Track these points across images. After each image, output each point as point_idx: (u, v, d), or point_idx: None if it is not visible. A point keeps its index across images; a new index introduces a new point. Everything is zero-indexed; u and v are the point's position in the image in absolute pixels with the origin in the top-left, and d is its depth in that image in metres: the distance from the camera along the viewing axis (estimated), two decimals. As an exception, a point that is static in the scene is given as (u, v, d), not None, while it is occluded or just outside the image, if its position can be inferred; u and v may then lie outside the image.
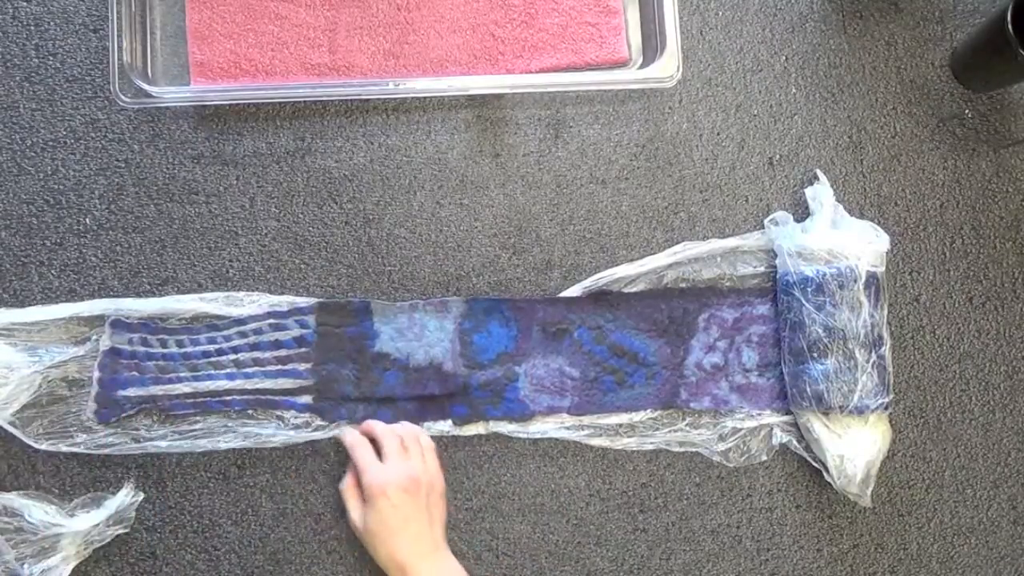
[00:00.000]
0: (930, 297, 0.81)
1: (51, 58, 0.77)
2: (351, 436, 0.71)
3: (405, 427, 0.72)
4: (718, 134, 0.81)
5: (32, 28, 0.77)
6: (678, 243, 0.79)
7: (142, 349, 0.73)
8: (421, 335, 0.75)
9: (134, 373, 0.72)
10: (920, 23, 0.83)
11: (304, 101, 0.78)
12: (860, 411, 0.71)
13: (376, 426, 0.71)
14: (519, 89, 0.78)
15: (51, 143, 0.76)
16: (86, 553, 0.71)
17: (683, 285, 0.78)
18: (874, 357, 0.72)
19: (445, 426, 0.75)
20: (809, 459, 0.77)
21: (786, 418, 0.77)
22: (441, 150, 0.79)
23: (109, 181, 0.76)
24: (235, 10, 0.78)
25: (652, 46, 0.78)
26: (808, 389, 0.73)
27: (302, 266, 0.77)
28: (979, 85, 0.82)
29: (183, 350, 0.74)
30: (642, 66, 0.79)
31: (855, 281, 0.72)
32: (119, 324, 0.73)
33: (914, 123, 0.82)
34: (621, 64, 0.80)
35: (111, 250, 0.76)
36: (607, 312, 0.77)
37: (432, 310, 0.76)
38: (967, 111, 0.83)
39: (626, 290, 0.77)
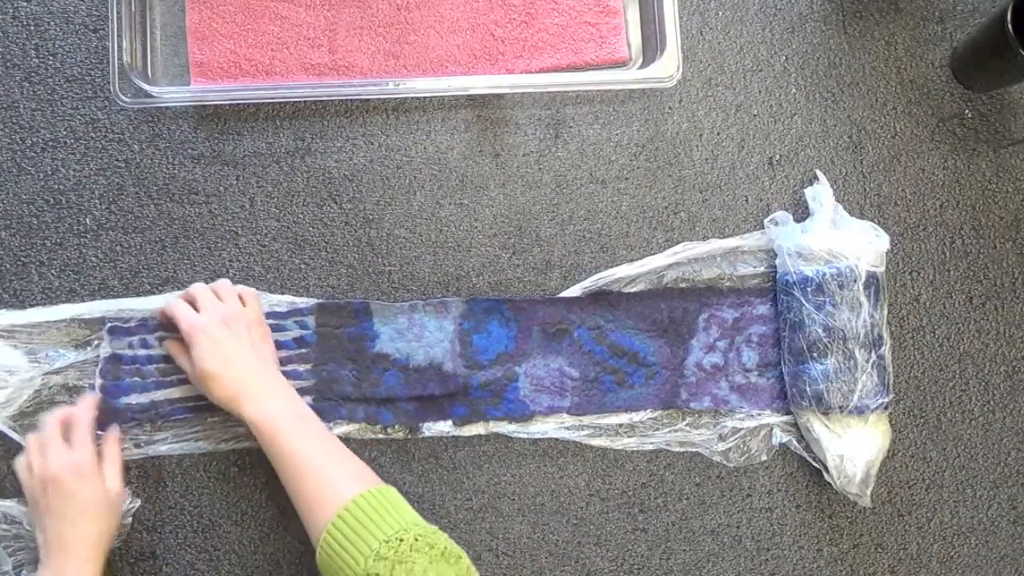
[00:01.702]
0: (930, 297, 0.81)
1: (51, 58, 0.77)
2: (166, 302, 0.71)
3: (219, 282, 0.72)
4: (718, 134, 0.81)
5: (32, 28, 0.77)
6: (678, 243, 0.79)
7: (143, 352, 0.73)
8: (421, 335, 0.75)
9: (136, 378, 0.72)
10: (920, 23, 0.83)
11: (304, 101, 0.78)
12: (860, 411, 0.71)
13: (192, 287, 0.71)
14: (519, 89, 0.78)
15: (51, 143, 0.76)
16: None
17: (683, 285, 0.78)
18: (874, 357, 0.72)
19: (445, 426, 0.75)
20: (809, 459, 0.77)
21: (786, 418, 0.77)
22: (441, 150, 0.79)
23: (109, 181, 0.76)
24: (235, 10, 0.78)
25: (652, 46, 0.78)
26: (808, 389, 0.73)
27: (302, 266, 0.77)
28: (979, 85, 0.82)
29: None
30: (642, 66, 0.79)
31: (855, 281, 0.72)
32: (117, 330, 0.73)
33: (914, 123, 0.82)
34: (621, 64, 0.80)
35: (111, 250, 0.76)
36: (607, 312, 0.77)
37: (432, 310, 0.76)
38: (967, 111, 0.83)
39: (626, 290, 0.77)
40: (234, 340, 0.68)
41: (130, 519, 0.72)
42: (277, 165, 0.78)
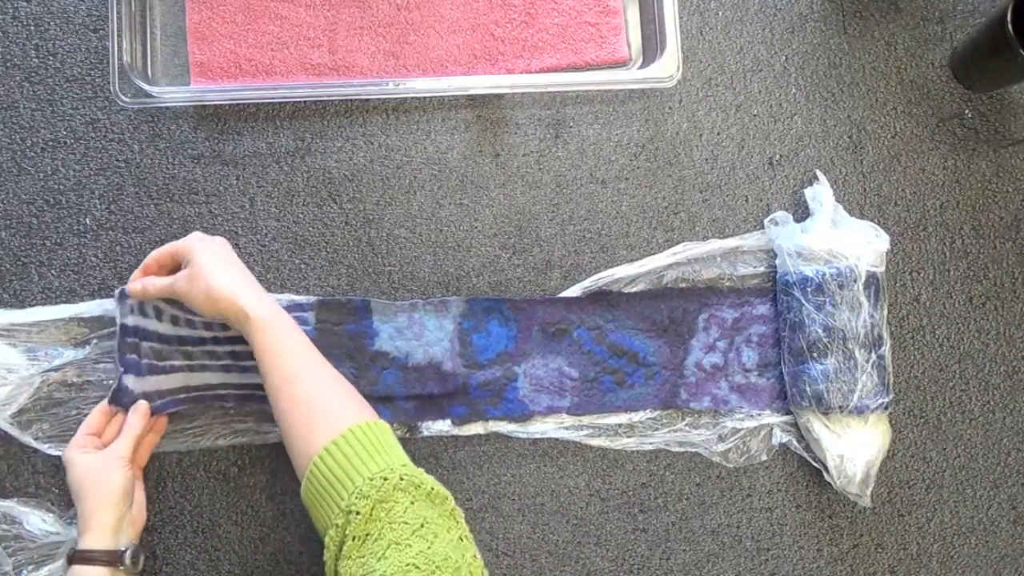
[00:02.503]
0: (930, 297, 0.81)
1: (51, 58, 0.77)
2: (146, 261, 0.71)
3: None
4: (718, 134, 0.81)
5: (32, 28, 0.77)
6: (678, 243, 0.79)
7: (141, 322, 0.70)
8: (421, 334, 0.75)
9: (133, 356, 0.70)
10: (920, 23, 0.83)
11: (304, 101, 0.78)
12: (860, 411, 0.71)
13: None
14: (519, 89, 0.78)
15: (51, 143, 0.76)
16: None
17: (683, 285, 0.78)
18: (874, 357, 0.72)
19: (444, 426, 0.75)
20: (809, 459, 0.77)
21: (786, 418, 0.77)
22: (441, 150, 0.79)
23: (109, 181, 0.76)
24: (235, 10, 0.78)
25: (652, 46, 0.78)
26: (808, 389, 0.73)
27: (302, 266, 0.77)
28: (979, 85, 0.82)
29: (179, 332, 0.72)
30: (642, 66, 0.79)
31: (855, 281, 0.72)
32: (124, 295, 0.71)
33: (914, 123, 0.82)
34: (621, 64, 0.80)
35: (111, 250, 0.76)
36: (607, 312, 0.77)
37: (432, 309, 0.76)
38: (967, 111, 0.83)
39: (626, 290, 0.77)
40: (224, 249, 0.69)
41: (145, 513, 0.71)
42: (277, 165, 0.78)
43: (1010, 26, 0.73)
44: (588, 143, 0.80)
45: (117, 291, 0.71)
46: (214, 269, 0.66)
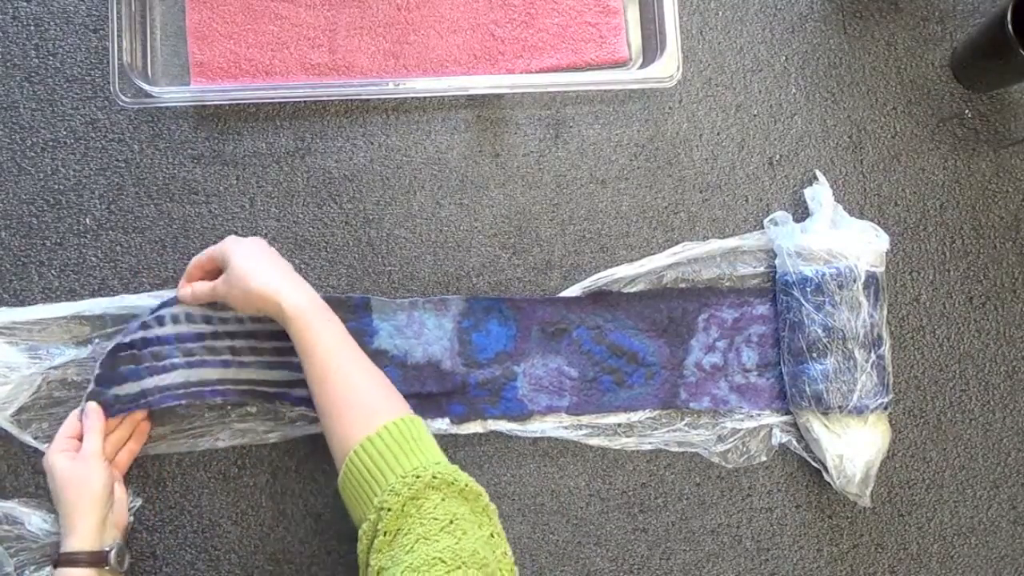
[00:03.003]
0: (930, 297, 0.81)
1: (51, 58, 0.77)
2: (164, 299, 0.72)
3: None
4: (718, 134, 0.81)
5: (32, 28, 0.77)
6: (678, 243, 0.79)
7: (140, 335, 0.70)
8: (420, 333, 0.75)
9: (131, 365, 0.70)
10: (920, 23, 0.83)
11: (304, 101, 0.78)
12: (860, 411, 0.71)
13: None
14: (519, 89, 0.78)
15: (51, 143, 0.76)
16: None
17: (682, 285, 0.78)
18: (873, 357, 0.72)
19: (443, 424, 0.75)
20: (809, 459, 0.77)
21: (785, 418, 0.77)
22: (441, 150, 0.79)
23: (109, 181, 0.76)
24: (235, 10, 0.78)
25: (652, 46, 0.78)
26: (807, 389, 0.73)
27: (302, 266, 0.77)
28: (979, 85, 0.82)
29: (178, 330, 0.71)
30: (642, 66, 0.79)
31: (854, 281, 0.72)
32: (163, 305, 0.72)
33: (914, 123, 0.82)
34: (621, 64, 0.80)
35: (111, 250, 0.76)
36: (606, 312, 0.77)
37: (432, 308, 0.76)
38: (967, 111, 0.83)
39: (626, 290, 0.77)
40: (266, 248, 0.70)
41: (131, 519, 0.72)
42: (277, 165, 0.78)
43: (1010, 26, 0.73)
44: (588, 143, 0.80)
45: (153, 311, 0.71)
46: (249, 268, 0.67)
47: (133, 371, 0.70)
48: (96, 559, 0.64)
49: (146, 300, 0.74)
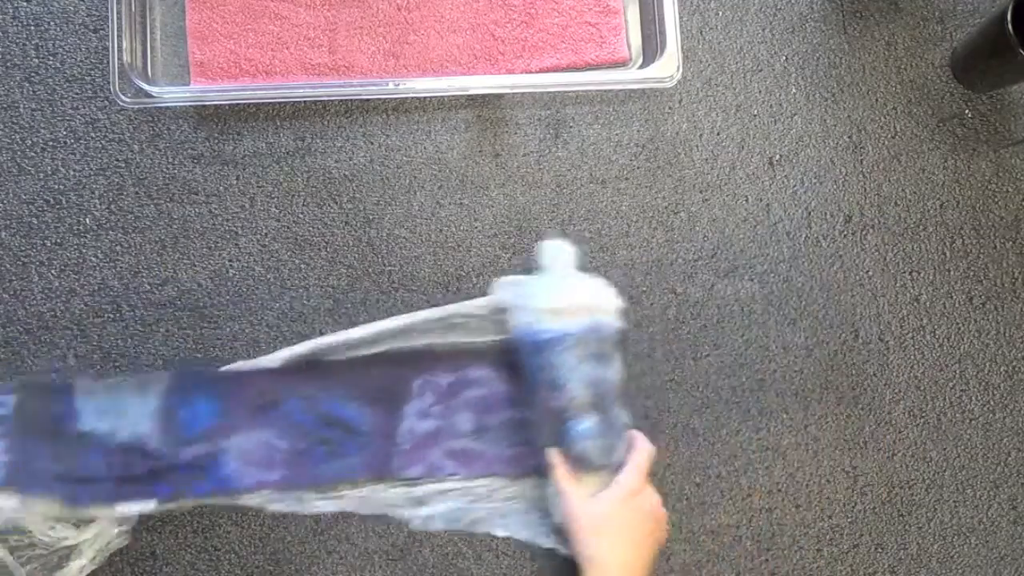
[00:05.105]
0: (930, 297, 0.81)
1: (51, 58, 0.77)
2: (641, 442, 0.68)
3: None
4: (718, 134, 0.81)
5: (32, 28, 0.77)
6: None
7: None
8: (124, 412, 0.71)
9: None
10: (920, 23, 0.83)
11: (304, 101, 0.78)
12: (617, 468, 0.66)
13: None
14: (519, 89, 0.78)
15: (51, 143, 0.76)
16: (103, 560, 0.69)
17: (398, 347, 0.73)
18: (625, 414, 0.68)
19: (149, 505, 0.69)
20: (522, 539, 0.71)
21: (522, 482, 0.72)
22: (441, 150, 0.79)
23: (109, 181, 0.77)
24: (235, 10, 0.78)
25: (652, 46, 0.78)
26: (572, 448, 0.67)
27: (302, 266, 0.77)
28: (979, 85, 0.82)
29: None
30: (642, 66, 0.80)
31: (610, 335, 0.67)
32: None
33: (914, 123, 0.82)
34: (621, 64, 0.80)
35: (111, 250, 0.76)
36: (319, 381, 0.72)
37: (135, 386, 0.71)
38: (967, 111, 0.83)
39: (348, 355, 0.73)
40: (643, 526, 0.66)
41: (136, 516, 0.71)
42: (277, 165, 0.78)
43: (1010, 26, 0.73)
44: (588, 143, 0.80)
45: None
46: (599, 535, 0.63)
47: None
48: None
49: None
